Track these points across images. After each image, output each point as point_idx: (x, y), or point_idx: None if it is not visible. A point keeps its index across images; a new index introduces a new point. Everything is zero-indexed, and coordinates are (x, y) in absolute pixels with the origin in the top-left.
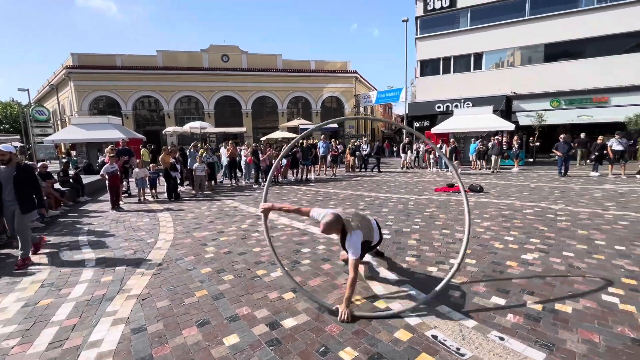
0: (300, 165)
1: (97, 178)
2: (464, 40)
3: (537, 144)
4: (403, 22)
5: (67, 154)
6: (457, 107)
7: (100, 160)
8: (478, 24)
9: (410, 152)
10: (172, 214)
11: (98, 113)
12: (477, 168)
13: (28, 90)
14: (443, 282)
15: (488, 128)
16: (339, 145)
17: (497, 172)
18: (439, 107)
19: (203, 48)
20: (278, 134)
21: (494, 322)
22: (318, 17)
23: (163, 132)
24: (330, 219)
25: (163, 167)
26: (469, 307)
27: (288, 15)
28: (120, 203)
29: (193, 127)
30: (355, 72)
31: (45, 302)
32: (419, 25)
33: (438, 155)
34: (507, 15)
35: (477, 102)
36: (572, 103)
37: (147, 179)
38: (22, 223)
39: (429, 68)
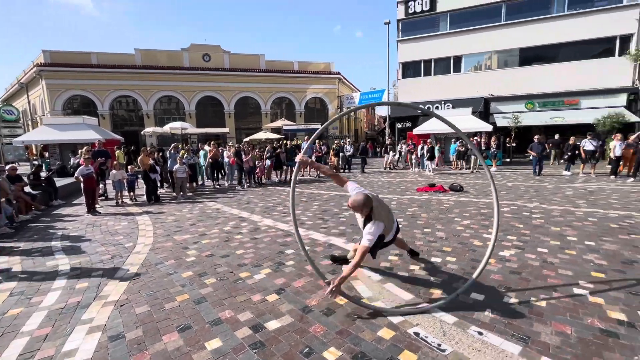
0: (284, 167)
1: (71, 181)
2: (444, 44)
3: (513, 145)
4: (385, 24)
5: (40, 156)
6: (437, 108)
7: (73, 162)
8: (457, 28)
9: (393, 152)
10: (151, 217)
11: (72, 113)
12: (457, 168)
13: None
14: (469, 282)
15: (467, 129)
16: (323, 146)
17: (476, 171)
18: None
19: (184, 47)
20: (262, 135)
21: (473, 317)
22: (301, 18)
23: (142, 132)
24: (361, 199)
25: (142, 168)
26: (450, 303)
27: (270, 16)
28: (97, 206)
29: (173, 127)
30: (339, 73)
31: (15, 311)
32: (401, 28)
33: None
34: (484, 20)
35: (456, 103)
36: (545, 105)
37: (124, 181)
38: None
39: (411, 70)
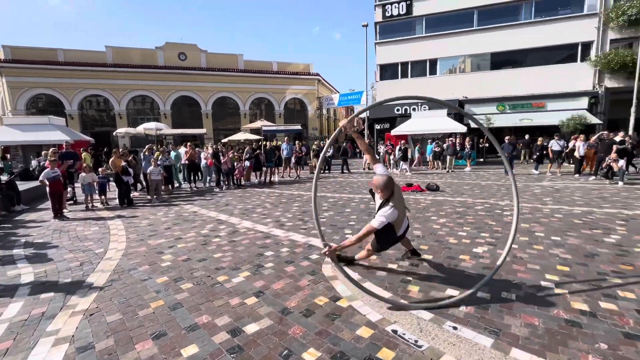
0: (264, 168)
1: (35, 184)
2: (420, 47)
3: (486, 145)
4: (363, 27)
5: (2, 158)
6: (414, 110)
7: (35, 165)
8: (432, 32)
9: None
10: (124, 222)
11: (37, 112)
12: (434, 168)
13: None
14: (488, 276)
15: (443, 130)
16: (303, 147)
17: (451, 171)
18: (398, 110)
19: (158, 45)
20: (241, 136)
21: (449, 313)
22: (280, 18)
23: (114, 133)
24: (385, 179)
25: (114, 171)
26: (427, 300)
27: (248, 16)
28: (64, 211)
29: (148, 128)
30: (318, 74)
31: None
32: (378, 31)
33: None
34: (458, 25)
35: (433, 105)
36: (515, 108)
37: (95, 185)
38: None
39: (388, 72)
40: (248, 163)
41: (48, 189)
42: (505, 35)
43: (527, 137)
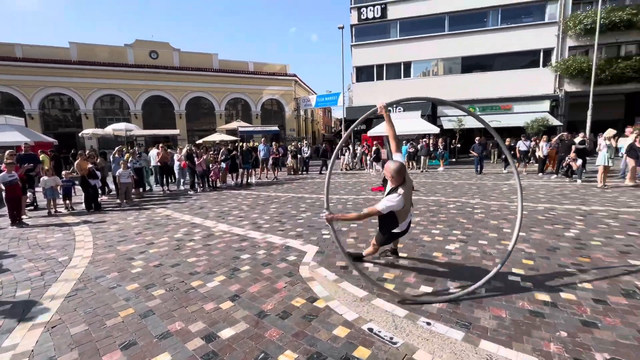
0: (240, 169)
1: None
2: (395, 50)
3: (458, 146)
4: (339, 29)
5: None
6: (390, 111)
7: None
8: (406, 36)
9: (349, 154)
10: (91, 227)
11: None
12: (408, 168)
13: None
14: (493, 271)
15: (417, 131)
16: (280, 148)
17: (425, 171)
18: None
19: (127, 43)
20: (216, 137)
21: (422, 309)
22: (255, 18)
23: (80, 134)
24: (396, 166)
25: (79, 174)
26: (401, 297)
27: (223, 15)
28: (24, 217)
29: (117, 129)
30: (295, 75)
31: None
32: (354, 33)
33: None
34: (430, 30)
35: (407, 107)
36: (484, 110)
37: (59, 189)
38: None
39: (364, 74)
40: (224, 165)
41: (4, 194)
42: (475, 40)
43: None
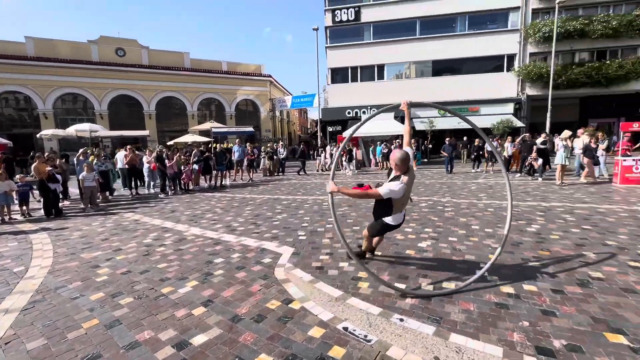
0: (214, 171)
1: None
2: (369, 52)
3: (429, 146)
4: (314, 30)
5: None
6: (364, 113)
7: None
8: (380, 39)
9: (325, 155)
10: (51, 235)
11: None
12: (383, 168)
13: None
14: (482, 271)
15: (390, 132)
16: (255, 149)
17: None
18: (349, 112)
19: (91, 39)
20: (188, 138)
21: (396, 306)
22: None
23: (38, 135)
24: (402, 154)
25: (38, 177)
26: (376, 295)
27: (194, 13)
28: None
29: (80, 130)
30: (270, 76)
31: None
32: (329, 35)
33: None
34: (403, 33)
35: (381, 109)
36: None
37: (13, 194)
38: None
39: (339, 76)
40: (197, 166)
41: None
42: (444, 45)
43: (465, 138)
